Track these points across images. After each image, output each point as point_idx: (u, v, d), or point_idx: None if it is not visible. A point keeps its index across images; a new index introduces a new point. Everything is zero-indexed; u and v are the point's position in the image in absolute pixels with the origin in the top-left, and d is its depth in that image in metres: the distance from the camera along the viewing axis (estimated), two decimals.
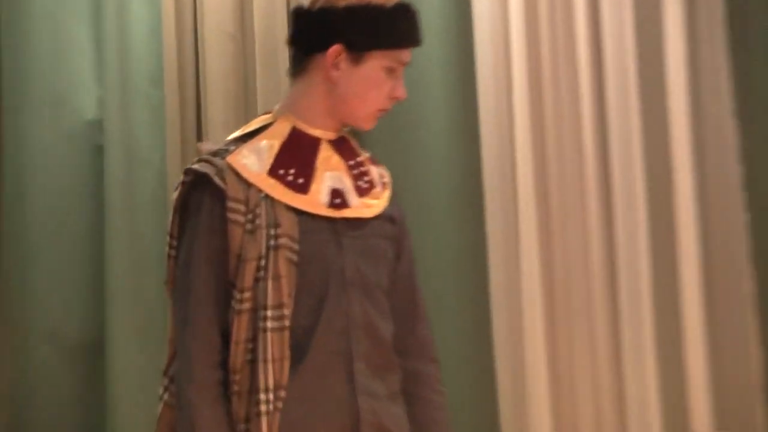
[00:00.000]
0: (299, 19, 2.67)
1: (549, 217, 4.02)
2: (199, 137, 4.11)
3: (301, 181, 2.59)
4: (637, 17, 3.93)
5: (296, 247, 2.54)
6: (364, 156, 2.72)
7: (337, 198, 2.60)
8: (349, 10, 2.62)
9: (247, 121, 3.93)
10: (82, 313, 4.02)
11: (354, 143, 2.70)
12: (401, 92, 2.65)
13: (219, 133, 4.02)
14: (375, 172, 2.74)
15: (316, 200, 2.57)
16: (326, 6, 2.63)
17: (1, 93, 4.05)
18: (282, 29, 4.08)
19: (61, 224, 4.02)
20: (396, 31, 2.66)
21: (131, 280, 4.05)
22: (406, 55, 2.66)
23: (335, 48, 2.59)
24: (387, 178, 2.75)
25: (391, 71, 2.66)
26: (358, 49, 2.61)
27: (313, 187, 2.59)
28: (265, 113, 2.64)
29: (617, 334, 4.01)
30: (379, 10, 2.63)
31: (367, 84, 2.65)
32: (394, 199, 2.71)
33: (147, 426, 3.66)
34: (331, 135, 2.66)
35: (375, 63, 2.64)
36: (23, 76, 4.04)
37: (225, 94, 4.08)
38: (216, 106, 4.07)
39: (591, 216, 4.00)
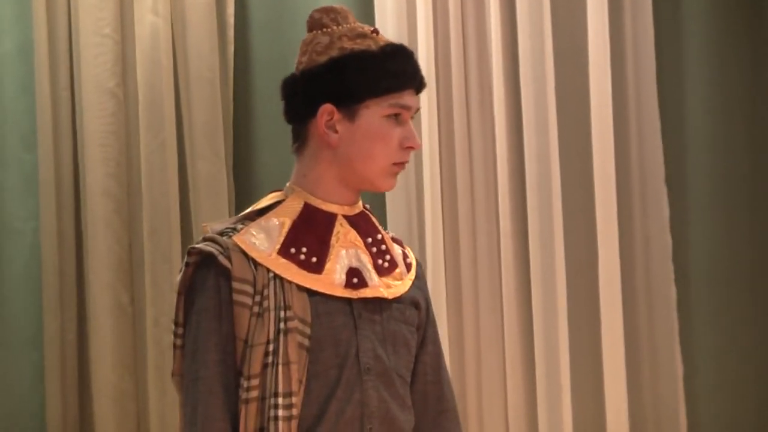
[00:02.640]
0: (286, 89, 2.58)
1: (456, 230, 3.97)
2: (77, 206, 4.06)
3: (314, 260, 2.51)
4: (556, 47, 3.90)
5: (308, 330, 2.48)
6: (385, 233, 2.63)
7: (355, 277, 2.51)
8: (332, 63, 2.54)
9: (129, 188, 3.91)
10: None
11: (374, 219, 2.62)
12: (414, 141, 2.53)
13: (98, 200, 4.02)
14: (398, 251, 2.65)
15: (330, 280, 2.50)
16: (308, 66, 2.55)
17: None
18: (168, 83, 4.04)
19: None
20: (388, 73, 2.54)
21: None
22: (407, 98, 2.55)
23: (324, 108, 2.49)
24: (411, 260, 2.67)
25: (396, 119, 2.53)
26: (349, 103, 2.51)
27: (328, 266, 2.51)
28: (275, 191, 2.56)
29: (530, 336, 3.97)
30: (365, 55, 2.54)
31: (370, 139, 2.54)
32: (419, 283, 2.63)
33: None
34: (348, 210, 2.57)
35: (372, 114, 2.53)
36: None
37: (105, 159, 3.99)
38: (95, 172, 3.98)
39: (506, 218, 3.96)
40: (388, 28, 3.88)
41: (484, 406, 4.09)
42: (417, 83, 2.57)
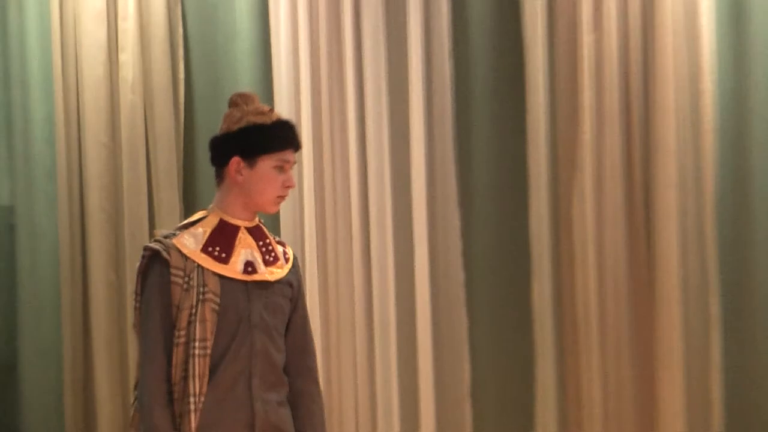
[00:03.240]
0: (212, 145, 3.06)
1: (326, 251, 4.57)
2: (83, 219, 4.65)
3: (224, 255, 3.00)
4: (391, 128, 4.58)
5: (218, 300, 2.97)
6: (272, 239, 3.11)
7: (249, 267, 3.01)
8: (241, 130, 3.00)
9: (116, 208, 4.52)
10: None
11: (265, 230, 3.10)
12: (291, 183, 3.01)
13: (97, 215, 4.63)
14: (280, 250, 3.13)
15: (233, 268, 2.99)
16: (226, 131, 3.04)
17: None
18: (141, 139, 4.64)
19: None
20: (277, 139, 3.01)
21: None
22: (288, 156, 3.02)
23: (234, 160, 2.98)
24: (290, 256, 3.15)
25: (280, 169, 3.01)
26: (250, 157, 2.99)
27: (232, 259, 3.00)
28: (202, 210, 3.07)
29: (372, 342, 4.59)
30: (262, 127, 3.00)
31: (263, 181, 3.01)
32: (295, 270, 3.12)
33: None
34: (248, 223, 3.05)
35: (265, 165, 3.00)
36: None
37: (100, 188, 4.66)
38: (94, 196, 4.66)
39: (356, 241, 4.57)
40: (284, 102, 4.49)
41: (341, 355, 4.61)
42: (295, 146, 3.06)
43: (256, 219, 3.07)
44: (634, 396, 4.56)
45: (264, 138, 2.98)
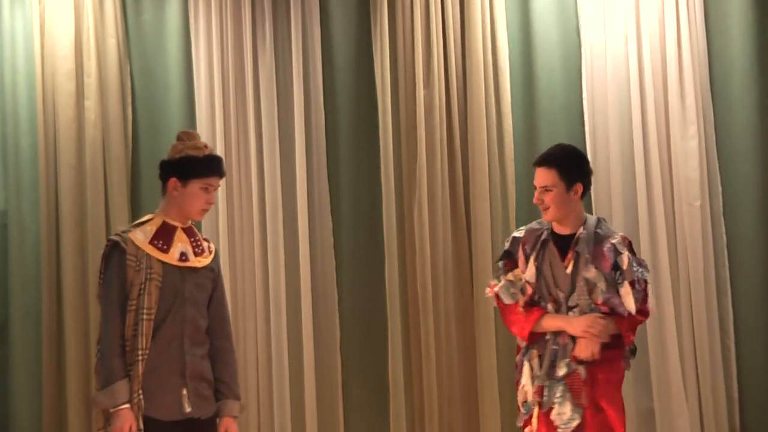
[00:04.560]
0: (159, 166, 3.57)
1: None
2: (57, 220, 5.19)
3: (165, 247, 3.51)
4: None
5: (161, 279, 3.48)
6: (200, 236, 3.61)
7: (183, 257, 3.55)
8: (180, 159, 3.52)
9: (82, 211, 5.12)
10: None
11: (195, 230, 3.58)
12: (212, 201, 3.47)
13: (68, 217, 5.16)
14: (205, 245, 3.63)
15: (172, 257, 3.52)
16: (169, 158, 3.57)
17: None
18: (100, 162, 5.22)
19: None
20: (205, 169, 3.52)
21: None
22: (213, 181, 3.53)
23: (172, 180, 3.51)
24: (212, 249, 3.62)
25: (205, 189, 3.54)
26: (184, 180, 3.52)
27: (171, 250, 3.52)
28: (150, 214, 3.53)
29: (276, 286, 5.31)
30: (196, 158, 3.53)
31: (192, 197, 3.52)
32: (215, 260, 3.63)
33: None
34: (183, 225, 3.58)
35: (194, 186, 3.53)
36: None
37: (70, 197, 5.34)
38: (66, 203, 5.36)
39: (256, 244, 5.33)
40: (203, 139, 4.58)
41: (246, 322, 5.25)
42: (219, 174, 3.60)
43: (189, 221, 3.67)
44: (460, 357, 5.34)
45: (195, 167, 3.56)
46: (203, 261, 3.64)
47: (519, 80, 5.52)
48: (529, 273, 3.67)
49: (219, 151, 5.16)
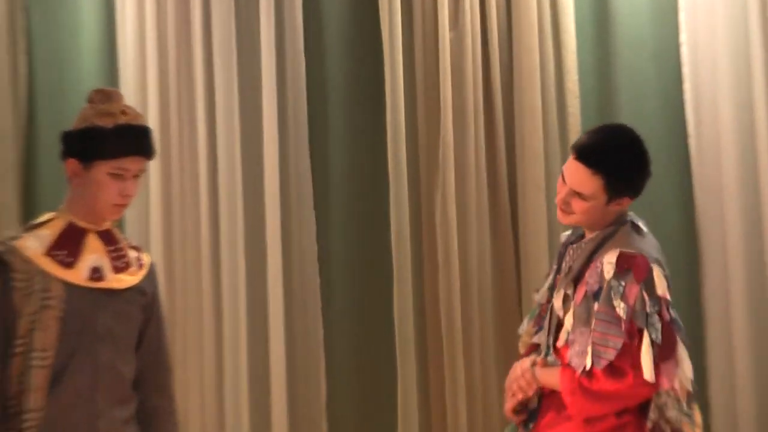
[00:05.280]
0: (61, 140, 3.08)
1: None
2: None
3: (70, 260, 3.02)
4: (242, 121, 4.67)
5: (63, 306, 2.99)
6: (125, 243, 3.14)
7: (96, 273, 3.04)
8: (81, 131, 3.03)
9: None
10: None
11: (116, 233, 3.13)
12: (129, 191, 3.03)
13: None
14: (133, 256, 3.16)
15: (79, 274, 3.02)
16: (68, 130, 3.07)
17: None
18: None
19: None
20: (114, 146, 3.02)
21: None
22: (128, 164, 3.03)
23: (70, 161, 3.04)
24: (145, 261, 3.19)
25: (117, 176, 3.03)
26: (85, 161, 3.02)
27: (79, 264, 3.02)
28: (49, 213, 3.06)
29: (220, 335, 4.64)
30: (101, 130, 3.03)
31: (97, 187, 3.04)
32: (151, 276, 3.16)
33: None
34: (97, 227, 3.08)
35: (99, 170, 3.03)
36: None
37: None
38: None
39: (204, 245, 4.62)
40: (129, 99, 4.29)
41: (188, 369, 4.63)
42: (140, 153, 3.05)
43: (108, 222, 3.10)
44: (501, 408, 4.36)
45: (100, 142, 3.01)
46: (128, 280, 3.11)
47: (588, 18, 4.76)
48: (540, 293, 3.31)
49: (152, 119, 4.59)
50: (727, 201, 4.61)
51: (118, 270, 3.10)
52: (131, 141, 3.06)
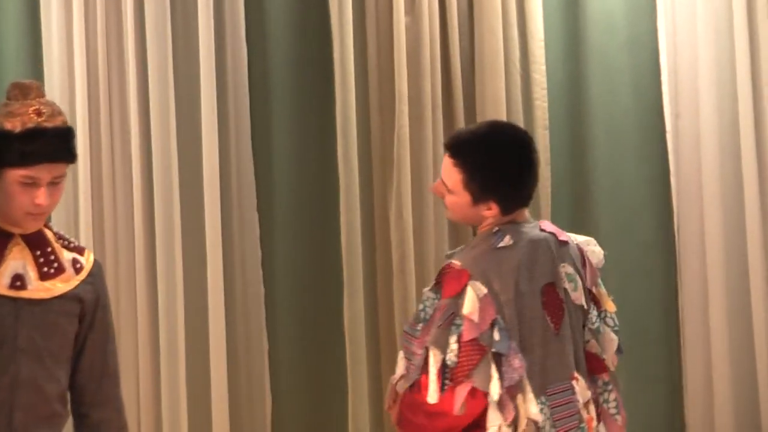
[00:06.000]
0: None
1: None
2: None
3: None
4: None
5: None
6: (57, 246, 3.04)
7: (18, 281, 2.95)
8: None
9: None
10: None
11: (48, 236, 3.05)
12: (40, 201, 2.92)
13: None
14: (69, 258, 3.07)
15: None
16: None
17: None
18: None
19: None
20: (18, 153, 2.91)
21: None
22: (38, 171, 2.91)
23: None
24: (84, 264, 3.09)
25: (26, 185, 2.93)
26: None
27: None
28: None
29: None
30: (7, 135, 2.92)
31: (7, 196, 2.95)
32: (93, 280, 3.07)
33: None
34: (23, 230, 2.98)
35: (9, 178, 2.93)
36: None
37: None
38: None
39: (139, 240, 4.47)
40: (55, 91, 4.34)
41: (121, 362, 4.42)
42: (52, 159, 2.91)
43: (37, 225, 3.01)
44: None
45: (6, 149, 2.88)
46: (58, 287, 2.98)
47: (557, 1, 4.69)
48: None
49: (81, 122, 4.44)
50: (707, 201, 4.65)
51: (46, 277, 3.00)
52: (41, 147, 2.92)
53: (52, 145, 2.93)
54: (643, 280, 4.63)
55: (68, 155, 2.95)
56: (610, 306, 3.19)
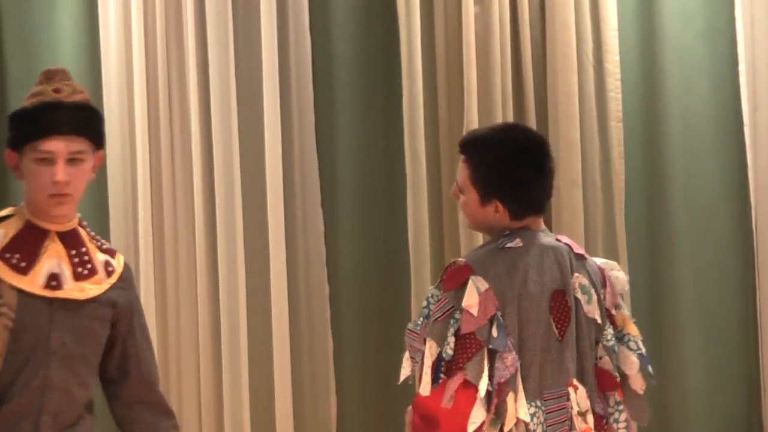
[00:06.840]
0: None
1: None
2: None
3: (23, 264, 2.92)
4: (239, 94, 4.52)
5: (13, 316, 2.88)
6: (91, 247, 3.01)
7: (54, 281, 2.92)
8: (12, 115, 2.96)
9: None
10: None
11: (83, 234, 3.02)
12: (55, 177, 2.88)
13: None
14: (101, 260, 3.03)
15: (33, 281, 2.91)
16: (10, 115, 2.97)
17: None
18: None
19: None
20: (32, 127, 2.90)
21: None
22: (50, 145, 2.88)
23: (6, 152, 2.93)
24: (116, 267, 3.07)
25: (42, 161, 2.90)
26: (18, 148, 2.93)
27: (35, 269, 2.91)
28: (13, 206, 2.96)
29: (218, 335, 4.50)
30: (24, 111, 2.93)
31: (29, 178, 2.94)
32: (123, 284, 3.05)
33: None
34: (59, 227, 2.96)
35: (27, 158, 2.92)
36: None
37: None
38: None
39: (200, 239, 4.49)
40: (113, 89, 4.41)
41: (182, 390, 4.58)
42: (61, 131, 2.88)
43: (74, 221, 2.97)
44: None
45: (22, 125, 2.90)
46: (92, 290, 2.93)
47: None
48: None
49: (140, 116, 4.46)
50: None
51: (80, 277, 2.97)
52: (54, 119, 2.90)
53: (67, 117, 2.90)
54: (719, 278, 4.57)
55: (85, 130, 2.90)
56: (633, 330, 3.21)
